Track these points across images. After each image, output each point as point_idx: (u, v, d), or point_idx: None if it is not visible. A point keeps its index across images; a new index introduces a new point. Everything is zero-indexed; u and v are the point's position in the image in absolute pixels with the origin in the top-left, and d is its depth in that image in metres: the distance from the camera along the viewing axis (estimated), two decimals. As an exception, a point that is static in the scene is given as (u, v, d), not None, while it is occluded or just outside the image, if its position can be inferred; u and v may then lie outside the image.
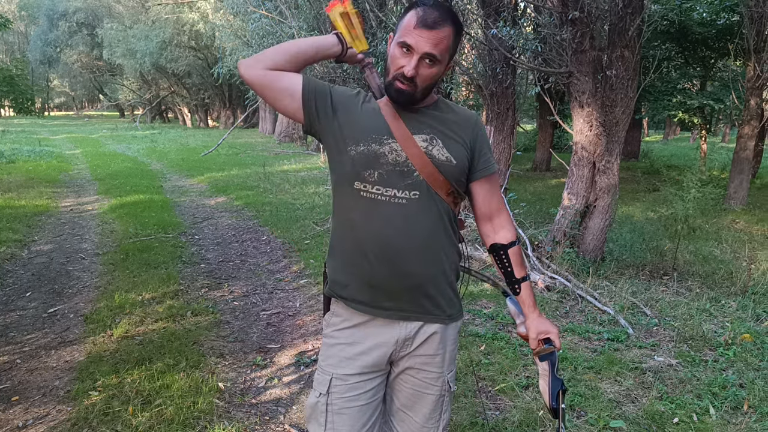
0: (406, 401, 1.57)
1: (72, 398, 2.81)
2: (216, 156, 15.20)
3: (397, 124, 1.44)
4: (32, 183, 9.68)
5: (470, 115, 1.57)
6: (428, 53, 1.37)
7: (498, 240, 1.55)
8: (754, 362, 3.25)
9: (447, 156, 1.45)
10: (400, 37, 1.40)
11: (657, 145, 23.61)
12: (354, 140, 1.44)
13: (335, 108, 1.48)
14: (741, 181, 8.72)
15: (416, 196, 1.42)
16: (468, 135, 1.51)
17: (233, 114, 31.43)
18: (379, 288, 1.46)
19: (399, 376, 1.56)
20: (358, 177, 1.43)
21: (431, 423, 1.57)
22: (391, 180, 1.42)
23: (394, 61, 1.41)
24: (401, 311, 1.48)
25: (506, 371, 3.12)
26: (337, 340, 1.52)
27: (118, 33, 26.80)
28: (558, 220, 5.23)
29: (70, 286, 4.56)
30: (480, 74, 7.03)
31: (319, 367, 1.54)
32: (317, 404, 1.50)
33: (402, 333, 1.49)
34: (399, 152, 1.43)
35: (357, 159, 1.43)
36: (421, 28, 1.36)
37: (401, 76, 1.39)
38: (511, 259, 1.54)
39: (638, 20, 4.66)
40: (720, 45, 10.90)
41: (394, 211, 1.42)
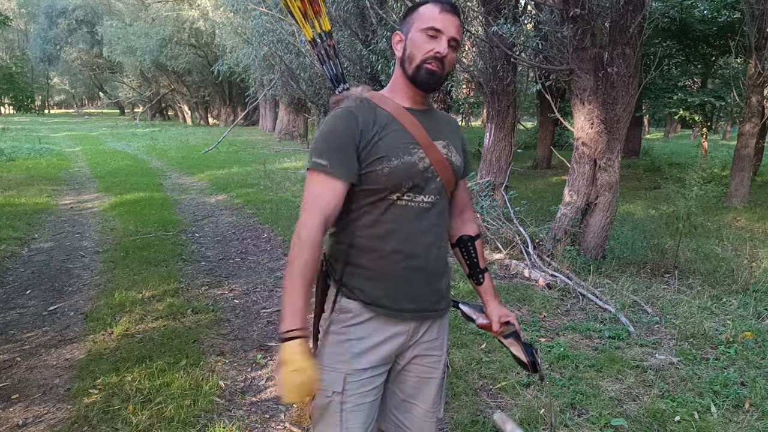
0: (411, 390, 1.59)
1: (72, 396, 2.80)
2: (216, 154, 15.18)
3: (419, 130, 1.47)
4: (32, 181, 9.68)
5: (454, 119, 1.71)
6: (454, 37, 1.44)
7: (466, 232, 1.68)
8: (755, 360, 3.24)
9: (460, 161, 1.56)
10: (424, 24, 1.43)
11: (658, 142, 23.59)
12: (386, 158, 1.42)
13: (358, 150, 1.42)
14: (742, 178, 8.70)
15: (438, 199, 1.51)
16: (461, 141, 1.63)
17: (233, 112, 31.38)
18: (403, 291, 1.48)
19: (405, 367, 1.57)
20: (394, 189, 1.44)
21: (436, 406, 1.61)
22: (421, 187, 1.47)
23: (419, 47, 1.43)
24: (420, 312, 1.52)
25: (507, 369, 3.11)
26: (347, 337, 1.48)
27: (118, 30, 26.74)
28: (559, 218, 5.22)
29: (70, 284, 4.55)
30: (481, 72, 7.01)
31: (324, 368, 1.48)
32: (330, 404, 1.46)
33: (413, 325, 1.53)
34: (425, 159, 1.47)
35: (391, 174, 1.42)
36: (446, 14, 1.43)
37: (432, 58, 1.42)
38: (477, 251, 1.67)
39: (639, 17, 4.64)
40: (721, 42, 10.88)
41: (423, 215, 1.48)
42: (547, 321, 3.90)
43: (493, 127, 7.18)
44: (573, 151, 5.15)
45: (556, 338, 3.58)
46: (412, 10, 1.48)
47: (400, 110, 1.47)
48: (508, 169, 7.23)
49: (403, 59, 1.47)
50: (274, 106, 24.87)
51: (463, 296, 4.30)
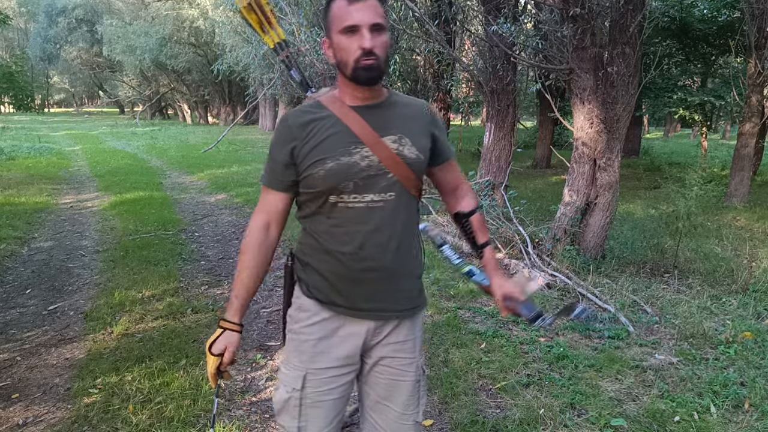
0: (383, 392, 1.59)
1: (72, 396, 2.80)
2: (216, 153, 15.18)
3: (363, 128, 1.45)
4: (32, 180, 9.68)
5: (422, 103, 1.59)
6: (373, 23, 1.37)
7: (461, 208, 1.65)
8: (755, 360, 3.24)
9: (416, 153, 1.49)
10: (340, 24, 1.38)
11: (657, 142, 23.58)
12: (322, 161, 1.43)
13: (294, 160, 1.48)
14: (742, 178, 8.70)
15: (392, 196, 1.47)
16: (428, 125, 1.55)
17: (233, 111, 31.37)
18: (359, 291, 1.49)
19: (374, 368, 1.58)
20: (333, 191, 1.44)
21: (411, 409, 1.59)
22: (366, 186, 1.44)
23: (345, 49, 1.39)
24: (378, 312, 1.52)
25: (507, 369, 3.11)
26: (308, 336, 1.53)
27: (118, 29, 26.73)
28: (558, 218, 5.22)
29: (70, 283, 4.55)
30: (480, 71, 7.01)
31: (287, 364, 1.56)
32: (289, 399, 1.53)
33: (372, 324, 1.53)
34: (371, 157, 1.44)
35: (327, 176, 1.42)
36: (354, 3, 1.36)
37: (362, 55, 1.37)
38: (474, 226, 1.63)
39: (639, 17, 4.64)
40: (721, 42, 10.87)
41: (372, 215, 1.45)
42: (546, 321, 3.89)
43: (493, 126, 7.18)
44: (573, 150, 5.15)
45: (556, 338, 3.58)
46: (326, 11, 1.43)
47: (345, 110, 1.46)
48: (507, 169, 7.23)
49: (338, 64, 1.44)
50: (273, 105, 24.88)
51: (462, 296, 4.30)
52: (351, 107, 1.46)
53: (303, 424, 1.53)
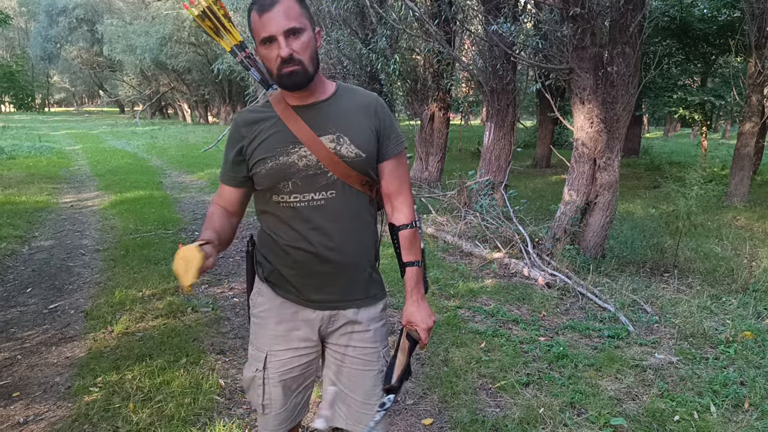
0: (347, 382, 1.61)
1: (72, 394, 2.81)
2: (216, 152, 15.17)
3: (301, 128, 1.46)
4: (32, 179, 9.68)
5: (370, 98, 1.56)
6: (287, 29, 1.36)
7: (393, 220, 1.59)
8: (755, 360, 3.25)
9: (356, 152, 1.47)
10: (257, 37, 1.41)
11: (657, 141, 23.58)
12: (263, 160, 1.47)
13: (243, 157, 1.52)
14: (742, 177, 8.70)
15: (333, 194, 1.48)
16: (372, 120, 1.52)
17: (233, 110, 31.36)
18: (308, 284, 1.54)
19: (335, 355, 1.61)
20: (274, 191, 1.49)
21: (373, 399, 1.58)
22: (305, 185, 1.46)
23: (268, 60, 1.41)
24: (329, 303, 1.56)
25: (506, 368, 3.12)
26: (266, 321, 1.60)
27: (118, 29, 26.74)
28: (558, 217, 5.22)
29: (70, 282, 4.56)
30: (480, 70, 7.01)
31: (252, 343, 1.64)
32: (254, 378, 1.61)
33: (325, 313, 1.57)
34: (309, 156, 1.45)
35: (267, 175, 1.47)
36: (264, 13, 1.37)
37: (281, 63, 1.38)
38: (400, 242, 1.57)
39: (639, 17, 4.64)
40: (721, 41, 10.87)
41: (313, 213, 1.48)
42: (546, 320, 3.90)
43: (493, 125, 7.18)
44: (572, 150, 5.16)
45: (556, 337, 3.58)
46: (248, 23, 1.44)
47: (287, 110, 1.48)
48: (507, 168, 7.24)
49: (268, 72, 1.46)
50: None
51: (462, 295, 4.31)
52: (292, 107, 1.48)
53: (267, 402, 1.60)
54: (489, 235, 5.67)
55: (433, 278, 4.62)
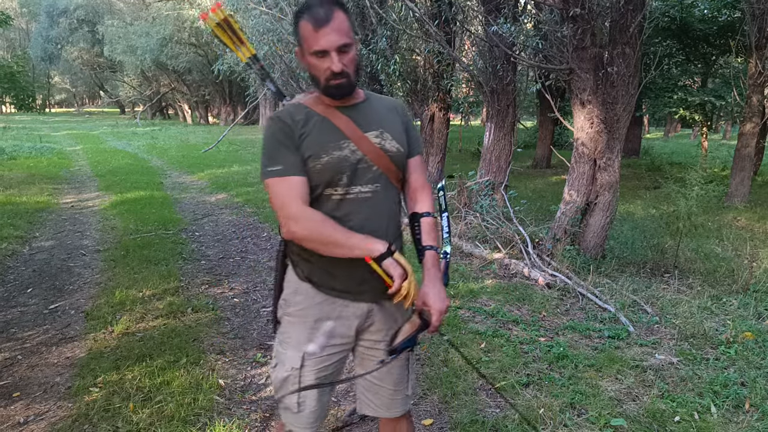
0: (377, 373, 1.67)
1: (73, 394, 2.81)
2: (216, 153, 15.19)
3: (348, 125, 1.55)
4: (33, 179, 9.69)
5: (395, 101, 1.73)
6: (339, 45, 1.45)
7: (417, 209, 1.68)
8: (755, 360, 3.24)
9: (397, 147, 1.60)
10: (309, 48, 1.47)
11: (658, 142, 23.57)
12: (316, 155, 1.51)
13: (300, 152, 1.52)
14: (742, 178, 8.70)
15: (378, 187, 1.57)
16: (402, 120, 1.67)
17: (233, 111, 31.38)
18: (352, 276, 1.56)
19: (367, 351, 1.68)
20: (329, 184, 1.52)
21: (401, 386, 1.72)
22: (356, 178, 1.54)
23: (316, 69, 1.49)
24: (372, 293, 1.59)
25: (506, 369, 3.12)
26: (304, 319, 1.62)
27: (119, 30, 26.76)
28: (558, 218, 5.22)
29: (70, 282, 4.56)
30: (480, 71, 7.01)
31: (284, 343, 1.65)
32: (288, 378, 1.62)
33: (365, 307, 1.62)
34: (357, 151, 1.54)
35: (324, 169, 1.50)
36: (321, 28, 1.43)
37: (332, 76, 1.47)
38: (422, 228, 1.65)
39: (639, 17, 4.64)
40: (721, 42, 10.87)
41: (362, 205, 1.55)
42: (546, 320, 3.90)
43: (493, 126, 7.18)
44: (573, 150, 5.15)
45: (556, 338, 3.58)
46: (295, 30, 1.50)
47: (330, 109, 1.56)
48: (507, 169, 7.24)
49: (311, 78, 1.53)
50: (274, 105, 24.85)
51: (462, 295, 4.31)
52: (334, 108, 1.56)
53: (302, 399, 1.62)
54: (489, 236, 5.67)
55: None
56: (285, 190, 1.48)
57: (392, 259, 1.45)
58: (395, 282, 1.43)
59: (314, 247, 1.48)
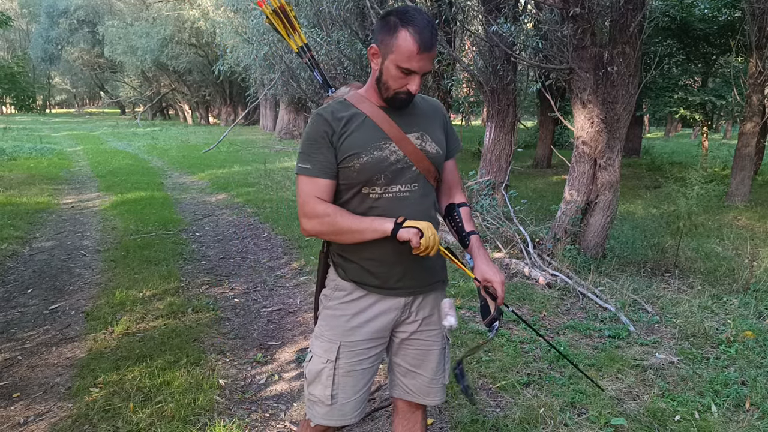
0: (413, 361, 1.74)
1: (73, 395, 2.81)
2: (217, 153, 15.19)
3: (391, 126, 1.57)
4: (33, 180, 9.69)
5: (436, 102, 1.75)
6: (426, 71, 1.52)
7: (453, 200, 1.74)
8: (756, 360, 3.24)
9: (436, 148, 1.64)
10: (401, 61, 1.48)
11: (658, 141, 23.57)
12: (357, 155, 1.54)
13: (338, 153, 1.55)
14: (743, 177, 8.70)
15: (416, 187, 1.60)
16: (441, 121, 1.71)
17: (234, 111, 31.39)
18: (392, 272, 1.61)
19: (403, 342, 1.72)
20: (367, 183, 1.56)
21: (439, 374, 1.77)
22: (395, 178, 1.57)
23: (394, 79, 1.51)
24: (409, 288, 1.65)
25: (507, 368, 3.12)
26: (343, 312, 1.65)
27: (119, 30, 26.76)
28: (559, 217, 5.22)
29: (71, 282, 4.56)
30: (481, 71, 7.01)
31: (320, 337, 1.68)
32: (323, 370, 1.65)
33: (402, 301, 1.66)
34: (397, 152, 1.57)
35: (363, 168, 1.54)
36: (423, 53, 1.47)
37: (406, 93, 1.53)
38: (462, 216, 1.71)
39: (639, 16, 4.64)
40: (722, 41, 10.87)
41: (400, 204, 1.58)
42: (547, 320, 3.90)
43: (493, 126, 7.18)
44: (573, 150, 5.15)
45: (557, 337, 3.58)
46: (389, 30, 1.48)
47: (374, 109, 1.58)
48: (508, 168, 7.23)
49: (378, 79, 1.55)
50: (274, 106, 24.88)
51: (462, 295, 4.31)
52: (379, 107, 1.59)
53: (335, 392, 1.65)
54: (490, 236, 5.67)
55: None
56: (307, 189, 1.54)
57: (403, 228, 1.48)
58: (413, 241, 1.46)
59: (329, 238, 1.57)
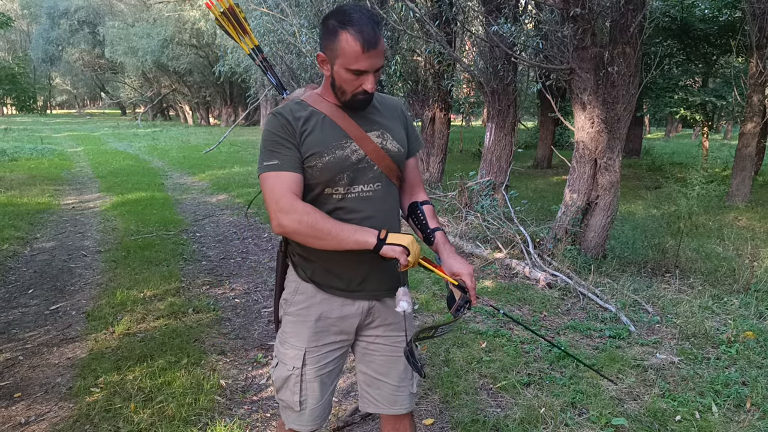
0: (379, 368, 1.70)
1: (74, 395, 2.81)
2: (217, 154, 15.20)
3: (350, 125, 1.55)
4: (34, 181, 9.70)
5: (396, 101, 1.74)
6: (378, 67, 1.49)
7: (416, 199, 1.72)
8: (756, 360, 3.24)
9: (398, 147, 1.62)
10: (349, 64, 1.45)
11: (658, 142, 23.56)
12: (318, 154, 1.50)
13: (301, 151, 1.52)
14: (743, 178, 8.69)
15: (379, 186, 1.58)
16: (402, 119, 1.69)
17: (234, 112, 31.42)
18: (354, 274, 1.59)
19: (368, 347, 1.70)
20: (329, 183, 1.52)
21: (405, 382, 1.72)
22: (357, 177, 1.55)
23: (346, 83, 1.48)
24: (372, 291, 1.62)
25: (507, 368, 3.12)
26: (305, 318, 1.62)
27: (120, 31, 26.80)
28: (559, 218, 5.22)
29: (72, 283, 4.57)
30: (481, 71, 7.01)
31: (285, 343, 1.66)
32: (290, 377, 1.63)
33: (365, 304, 1.63)
34: (358, 151, 1.55)
35: (325, 168, 1.50)
36: (369, 51, 1.44)
37: (362, 92, 1.50)
38: (426, 214, 1.70)
39: (640, 17, 4.64)
40: (722, 41, 10.87)
41: (363, 204, 1.56)
42: (547, 320, 3.90)
43: (494, 126, 7.19)
44: (573, 150, 5.15)
45: (557, 337, 3.58)
46: (330, 34, 1.45)
47: (333, 108, 1.56)
48: (508, 169, 7.24)
49: (333, 84, 1.52)
50: (275, 106, 24.86)
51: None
52: (337, 107, 1.57)
53: (304, 398, 1.64)
54: (490, 236, 5.67)
55: (433, 278, 4.62)
56: (278, 184, 1.47)
57: (387, 245, 1.44)
58: (401, 260, 1.44)
59: (305, 240, 1.46)
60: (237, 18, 1.82)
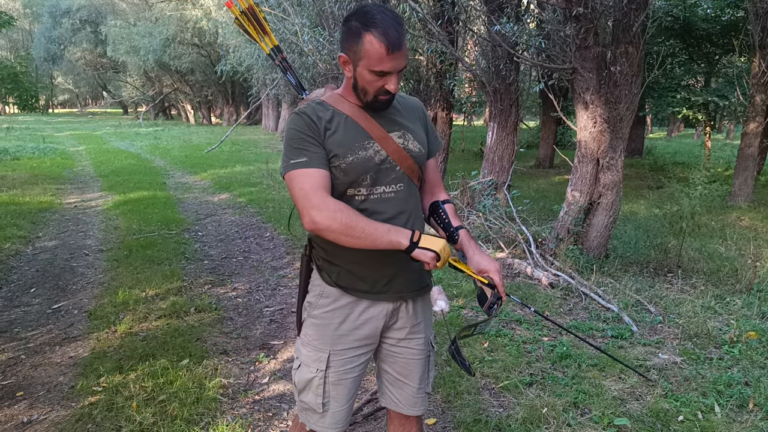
0: (402, 370, 1.71)
1: (76, 394, 2.82)
2: (219, 153, 15.21)
3: (373, 126, 1.55)
4: (36, 180, 9.72)
5: (416, 101, 1.73)
6: (401, 68, 1.47)
7: (437, 198, 1.73)
8: (759, 360, 3.23)
9: (419, 147, 1.61)
10: (373, 65, 1.44)
11: (661, 141, 23.51)
12: (341, 155, 1.50)
13: (326, 149, 1.51)
14: (746, 178, 8.67)
15: (401, 187, 1.58)
16: (422, 120, 1.69)
17: (236, 111, 31.41)
18: (379, 276, 1.58)
19: (392, 349, 1.70)
20: (352, 184, 1.52)
21: (424, 383, 1.75)
22: (379, 179, 1.54)
23: (369, 83, 1.48)
24: (396, 293, 1.61)
25: (510, 368, 3.11)
26: (330, 320, 1.61)
27: (122, 30, 26.81)
28: (562, 217, 5.21)
29: (74, 282, 4.57)
30: (483, 71, 7.00)
31: (308, 345, 1.64)
32: (313, 379, 1.63)
33: (390, 306, 1.63)
34: (381, 152, 1.54)
35: (348, 169, 1.50)
36: (393, 53, 1.42)
37: (384, 93, 1.49)
38: (448, 212, 1.70)
39: (642, 16, 4.63)
40: (725, 41, 10.83)
41: (385, 204, 1.55)
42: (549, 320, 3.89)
43: (496, 126, 7.18)
44: (576, 150, 5.15)
45: (559, 337, 3.57)
46: (354, 36, 1.43)
47: (354, 109, 1.55)
48: (510, 169, 7.23)
49: (354, 85, 1.51)
50: (276, 106, 24.91)
51: (465, 296, 4.30)
52: (358, 107, 1.56)
53: (326, 400, 1.63)
54: (492, 236, 5.66)
55: (436, 278, 4.62)
56: (308, 180, 1.44)
57: (420, 249, 1.43)
58: (429, 265, 1.44)
59: (337, 238, 1.42)
60: (257, 17, 1.82)
